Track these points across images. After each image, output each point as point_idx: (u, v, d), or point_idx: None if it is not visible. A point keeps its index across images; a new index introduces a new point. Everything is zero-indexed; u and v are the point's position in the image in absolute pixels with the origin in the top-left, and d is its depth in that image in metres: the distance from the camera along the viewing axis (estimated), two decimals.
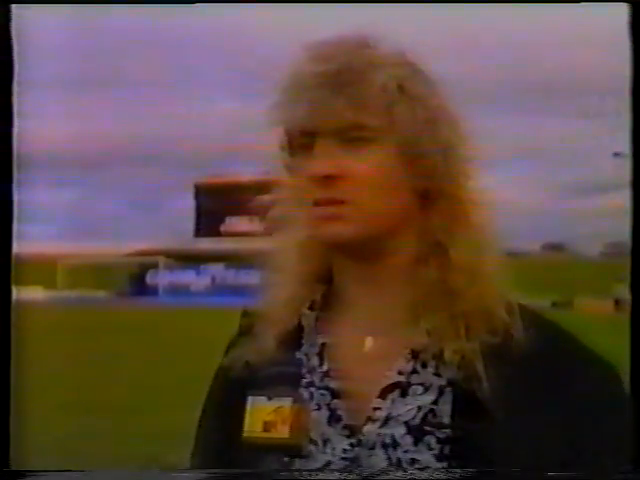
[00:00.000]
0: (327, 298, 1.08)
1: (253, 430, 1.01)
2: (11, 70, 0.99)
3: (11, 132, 0.99)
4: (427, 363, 1.00)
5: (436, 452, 0.95)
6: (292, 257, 1.09)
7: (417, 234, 1.02)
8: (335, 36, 1.02)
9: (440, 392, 0.98)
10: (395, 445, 0.97)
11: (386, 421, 0.98)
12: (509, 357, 0.97)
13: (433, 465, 0.95)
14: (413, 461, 0.96)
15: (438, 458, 0.95)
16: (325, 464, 0.99)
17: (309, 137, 0.99)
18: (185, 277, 70.36)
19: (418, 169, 0.99)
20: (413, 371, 1.00)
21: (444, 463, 0.95)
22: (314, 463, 0.99)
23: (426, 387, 0.99)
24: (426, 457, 0.96)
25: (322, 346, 1.05)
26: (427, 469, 0.95)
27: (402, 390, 0.99)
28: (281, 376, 1.04)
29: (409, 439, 0.97)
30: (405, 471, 0.95)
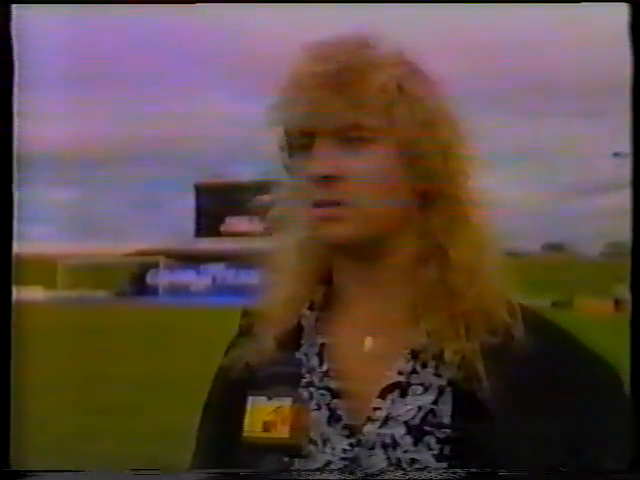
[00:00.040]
0: (327, 298, 1.08)
1: (253, 430, 1.01)
2: (11, 70, 0.99)
3: (11, 132, 0.99)
4: (427, 363, 1.00)
5: (436, 452, 0.95)
6: (292, 257, 1.09)
7: (417, 234, 1.02)
8: (334, 36, 1.02)
9: (440, 392, 0.98)
10: (395, 445, 0.97)
11: (386, 421, 0.98)
12: (509, 357, 0.97)
13: (433, 465, 0.95)
14: (413, 461, 0.96)
15: (438, 458, 0.95)
16: (325, 464, 0.99)
17: (308, 137, 0.99)
18: (185, 277, 70.34)
19: (417, 169, 0.99)
20: (413, 371, 1.00)
21: (444, 463, 0.95)
22: (314, 463, 0.99)
23: (426, 387, 0.99)
24: (426, 457, 0.96)
25: (322, 346, 1.05)
26: (427, 469, 0.95)
27: (402, 390, 0.99)
28: (281, 376, 1.04)
29: (409, 439, 0.97)
30: (405, 471, 0.96)
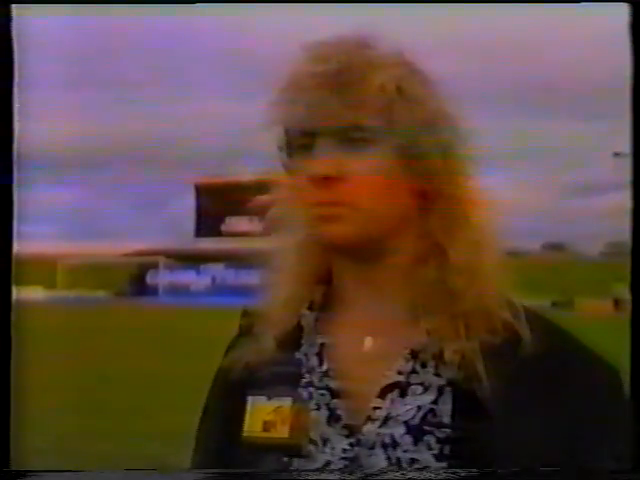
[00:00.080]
0: (326, 298, 1.08)
1: (253, 430, 1.01)
2: (11, 70, 0.99)
3: (11, 132, 0.99)
4: (427, 363, 1.00)
5: (435, 452, 0.95)
6: (291, 257, 1.09)
7: (416, 234, 1.02)
8: (334, 36, 1.02)
9: (440, 392, 0.98)
10: (395, 445, 0.97)
11: (385, 421, 0.98)
12: (509, 357, 0.97)
13: (432, 465, 0.95)
14: (412, 461, 0.96)
15: (437, 458, 0.95)
16: (325, 464, 0.99)
17: (309, 137, 0.99)
18: (185, 277, 70.34)
19: (417, 169, 0.99)
20: (412, 371, 1.00)
21: (443, 463, 0.95)
22: (314, 463, 0.99)
23: (426, 387, 0.99)
24: (425, 457, 0.96)
25: (321, 346, 1.05)
26: (426, 469, 0.95)
27: (401, 390, 0.99)
28: (281, 376, 1.04)
29: (408, 439, 0.97)
30: (404, 471, 0.95)
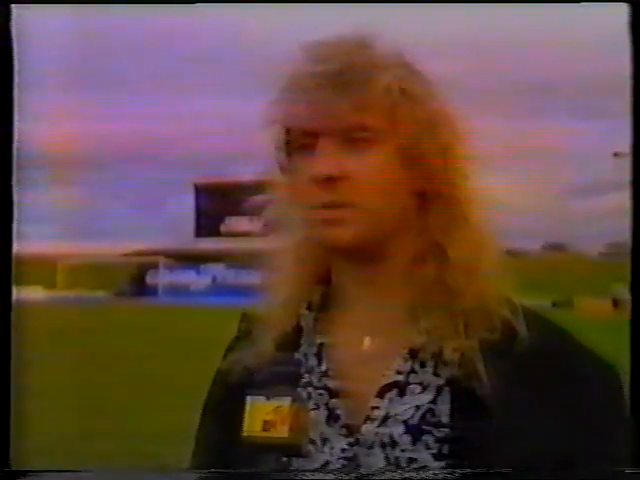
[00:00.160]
0: (325, 298, 1.08)
1: (252, 430, 1.01)
2: (11, 70, 0.99)
3: (11, 132, 0.99)
4: (425, 363, 1.00)
5: (434, 451, 0.96)
6: (290, 258, 1.09)
7: (415, 234, 1.02)
8: (334, 36, 1.02)
9: (438, 391, 0.98)
10: (393, 444, 0.97)
11: (384, 420, 0.98)
12: (509, 356, 0.97)
13: (431, 464, 0.95)
14: (411, 460, 0.96)
15: (436, 457, 0.95)
16: (324, 463, 0.99)
17: (310, 137, 0.99)
18: (185, 277, 70.26)
19: (418, 170, 0.99)
20: (411, 370, 1.00)
21: (442, 462, 0.95)
22: (313, 462, 0.99)
23: (424, 386, 0.99)
24: (424, 456, 0.96)
25: (320, 346, 1.05)
26: (425, 468, 0.95)
27: (400, 389, 0.99)
28: (280, 376, 1.04)
29: (407, 438, 0.97)
30: (403, 470, 0.96)
